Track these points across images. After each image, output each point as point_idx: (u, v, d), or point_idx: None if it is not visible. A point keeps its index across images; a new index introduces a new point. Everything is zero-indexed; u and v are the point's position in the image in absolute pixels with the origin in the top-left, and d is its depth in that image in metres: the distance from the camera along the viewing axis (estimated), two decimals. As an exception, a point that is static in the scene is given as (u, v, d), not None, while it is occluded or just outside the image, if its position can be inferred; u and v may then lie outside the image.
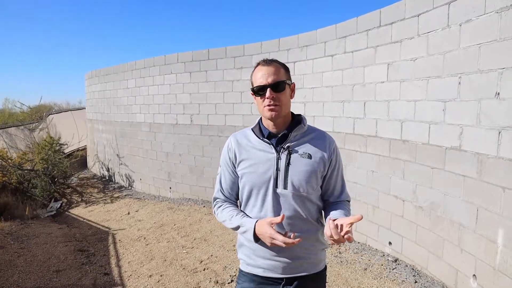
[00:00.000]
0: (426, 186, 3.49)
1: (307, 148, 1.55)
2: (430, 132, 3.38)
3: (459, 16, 3.02)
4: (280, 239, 1.37)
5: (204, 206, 6.53)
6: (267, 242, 1.43)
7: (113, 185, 9.26)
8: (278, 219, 1.40)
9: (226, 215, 1.61)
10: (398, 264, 3.83)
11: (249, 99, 6.14)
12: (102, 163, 10.23)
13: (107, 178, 9.95)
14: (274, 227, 1.44)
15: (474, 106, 2.89)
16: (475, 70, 2.87)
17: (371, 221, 4.33)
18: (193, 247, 4.72)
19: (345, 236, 1.32)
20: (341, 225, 1.35)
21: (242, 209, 1.65)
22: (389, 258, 3.98)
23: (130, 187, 8.80)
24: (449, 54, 3.14)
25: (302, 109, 5.22)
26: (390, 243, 4.06)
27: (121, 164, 9.05)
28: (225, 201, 1.68)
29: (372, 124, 4.15)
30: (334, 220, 1.40)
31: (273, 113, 1.50)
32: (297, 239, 1.36)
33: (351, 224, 1.34)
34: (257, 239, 1.49)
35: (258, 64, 1.57)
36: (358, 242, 4.53)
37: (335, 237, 1.32)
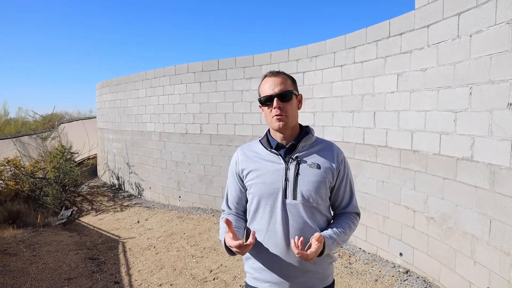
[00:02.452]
0: (437, 197, 3.46)
1: (315, 158, 1.55)
2: (441, 143, 3.37)
3: (469, 26, 3.03)
4: (233, 244, 1.39)
5: (213, 215, 6.55)
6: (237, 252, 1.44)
7: (122, 193, 9.34)
8: (241, 241, 1.41)
9: (221, 228, 1.64)
10: (410, 276, 3.79)
11: (259, 109, 6.17)
12: (112, 171, 10.33)
13: (117, 186, 10.04)
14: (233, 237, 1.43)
15: (486, 117, 2.88)
16: (486, 81, 2.87)
17: (381, 232, 4.30)
18: (202, 257, 4.73)
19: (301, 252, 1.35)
20: (310, 244, 1.40)
21: (249, 221, 1.63)
22: (400, 269, 3.94)
23: (139, 196, 8.86)
24: (459, 65, 3.14)
25: (311, 119, 5.24)
26: (401, 254, 4.02)
27: (131, 172, 9.13)
28: (229, 214, 1.69)
29: (382, 134, 4.15)
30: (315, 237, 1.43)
31: (281, 123, 1.51)
32: (250, 241, 1.39)
33: (318, 242, 1.38)
34: (232, 252, 1.49)
35: (265, 75, 1.60)
36: (369, 253, 4.49)
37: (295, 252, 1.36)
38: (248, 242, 1.40)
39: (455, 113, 3.20)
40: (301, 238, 1.36)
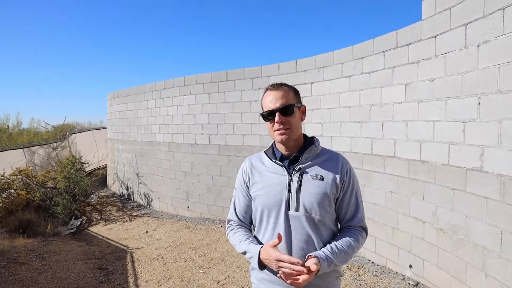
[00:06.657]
0: (446, 208, 3.42)
1: (319, 169, 1.53)
2: (450, 153, 3.34)
3: (477, 37, 3.03)
4: (285, 259, 1.33)
5: (221, 226, 6.54)
6: (274, 267, 1.37)
7: (131, 203, 9.39)
8: (276, 240, 1.38)
9: (236, 239, 1.60)
10: (420, 289, 3.72)
11: (267, 119, 6.20)
12: (121, 181, 10.41)
13: (126, 196, 10.10)
14: (277, 249, 1.39)
15: (495, 127, 2.86)
16: (495, 91, 2.85)
17: (390, 243, 4.24)
18: (210, 267, 4.71)
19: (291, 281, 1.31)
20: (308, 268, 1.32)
21: (255, 232, 1.62)
22: (410, 282, 3.87)
23: (148, 206, 8.90)
24: (467, 75, 3.14)
25: (319, 130, 5.24)
26: (410, 266, 3.96)
27: (140, 183, 9.19)
28: (239, 225, 1.66)
29: (390, 145, 4.13)
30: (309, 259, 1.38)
31: (284, 136, 1.51)
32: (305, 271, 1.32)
33: (309, 270, 1.30)
34: (262, 266, 1.44)
35: (267, 89, 1.60)
36: (378, 265, 4.43)
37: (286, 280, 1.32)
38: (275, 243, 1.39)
39: (463, 123, 3.18)
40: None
